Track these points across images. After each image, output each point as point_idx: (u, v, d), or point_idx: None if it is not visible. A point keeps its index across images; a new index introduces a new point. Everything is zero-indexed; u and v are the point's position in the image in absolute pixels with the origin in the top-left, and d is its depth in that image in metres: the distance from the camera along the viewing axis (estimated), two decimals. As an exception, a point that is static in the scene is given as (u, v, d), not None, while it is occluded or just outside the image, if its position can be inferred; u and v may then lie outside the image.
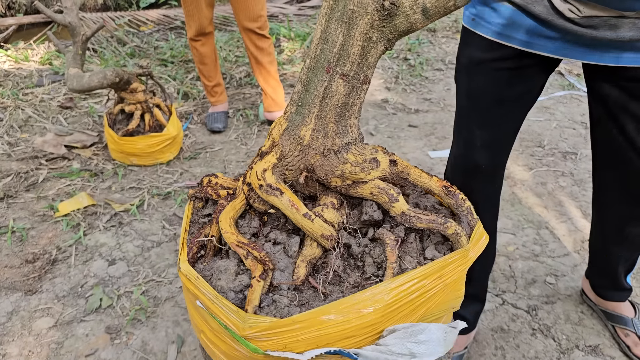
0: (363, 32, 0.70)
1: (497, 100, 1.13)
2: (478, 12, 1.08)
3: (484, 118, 1.16)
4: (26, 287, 1.66)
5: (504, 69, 1.09)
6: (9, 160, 2.32)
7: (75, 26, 2.13)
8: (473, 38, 1.11)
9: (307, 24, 4.10)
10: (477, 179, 1.24)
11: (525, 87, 1.12)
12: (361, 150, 0.77)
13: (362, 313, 0.65)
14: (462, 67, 1.17)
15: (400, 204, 0.73)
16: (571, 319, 1.62)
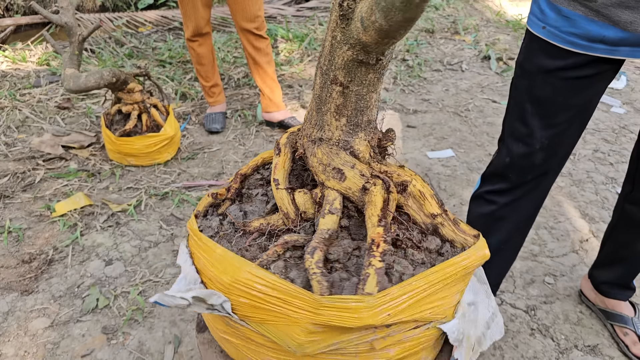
0: (332, 28, 0.70)
1: (564, 107, 1.12)
2: (549, 20, 1.06)
3: (549, 123, 1.14)
4: (22, 287, 1.65)
5: (575, 77, 1.08)
6: (6, 160, 2.31)
7: (71, 26, 2.13)
8: (543, 46, 1.09)
9: (306, 25, 4.10)
10: (529, 182, 1.24)
11: (593, 93, 1.11)
12: (332, 154, 0.77)
13: (223, 271, 0.77)
14: (527, 74, 1.15)
15: (324, 221, 0.75)
16: (570, 319, 1.61)
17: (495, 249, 1.36)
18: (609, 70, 1.08)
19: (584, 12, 1.01)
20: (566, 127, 1.15)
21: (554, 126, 1.15)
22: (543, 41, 1.10)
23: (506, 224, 1.33)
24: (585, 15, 1.01)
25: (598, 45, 1.03)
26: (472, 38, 4.22)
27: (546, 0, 1.08)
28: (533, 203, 1.31)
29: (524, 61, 1.17)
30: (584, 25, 1.02)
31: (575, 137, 1.20)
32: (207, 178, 2.27)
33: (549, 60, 1.10)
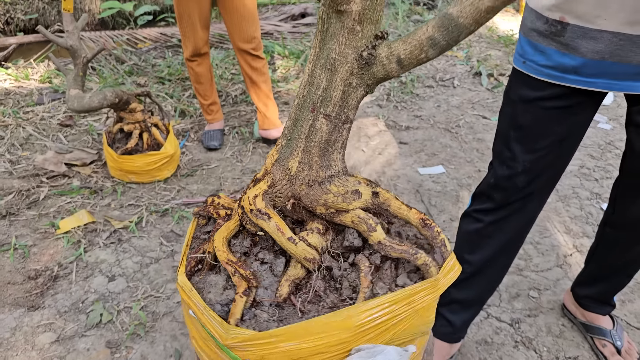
0: (344, 78, 0.78)
1: (543, 134, 1.20)
2: (528, 55, 1.16)
3: (529, 148, 1.22)
4: (29, 303, 1.72)
5: (554, 107, 1.16)
6: (11, 178, 2.38)
7: (76, 49, 2.21)
8: (524, 78, 1.18)
9: (302, 41, 4.20)
10: (513, 203, 1.32)
11: (572, 122, 1.19)
12: (344, 182, 0.85)
13: (333, 332, 0.72)
14: (511, 103, 1.24)
15: (378, 233, 0.80)
16: (552, 332, 1.69)
17: (480, 267, 1.44)
18: (588, 101, 1.17)
19: (556, 47, 1.10)
20: (547, 153, 1.24)
21: (534, 151, 1.24)
22: (524, 74, 1.19)
23: (491, 243, 1.41)
24: (557, 49, 1.10)
25: (572, 76, 1.11)
26: (464, 54, 4.32)
27: (525, 38, 1.17)
28: (518, 224, 1.38)
29: (509, 91, 1.27)
30: (557, 59, 1.11)
31: (559, 162, 1.28)
32: (206, 195, 2.35)
33: (529, 91, 1.19)
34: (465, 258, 1.44)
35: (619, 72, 1.06)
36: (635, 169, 1.26)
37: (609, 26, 1.01)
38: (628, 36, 1.01)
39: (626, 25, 1.00)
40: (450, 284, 0.80)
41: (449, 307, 1.51)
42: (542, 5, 1.10)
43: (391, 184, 2.47)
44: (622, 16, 0.99)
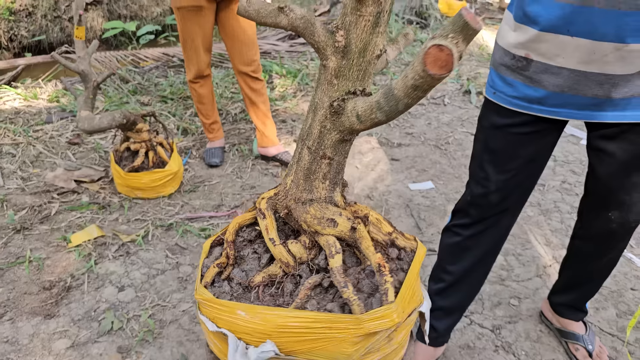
0: (320, 120, 0.93)
1: (512, 157, 1.34)
2: (498, 87, 1.31)
3: (501, 169, 1.37)
4: (45, 311, 1.85)
5: (522, 133, 1.31)
6: (23, 194, 2.52)
7: (87, 74, 2.36)
8: (495, 107, 1.33)
9: (298, 60, 4.37)
10: (488, 218, 1.46)
11: (538, 146, 1.34)
12: (323, 208, 1.00)
13: (259, 322, 0.92)
14: (484, 129, 1.39)
15: (334, 260, 0.94)
16: (531, 337, 1.83)
17: (461, 276, 1.58)
18: (552, 127, 1.32)
19: (522, 80, 1.26)
20: (517, 173, 1.39)
21: (505, 172, 1.38)
22: (494, 104, 1.35)
23: (470, 255, 1.55)
24: (523, 82, 1.25)
25: (537, 106, 1.27)
26: (454, 72, 4.50)
27: (495, 72, 1.33)
28: (494, 237, 1.53)
29: (481, 118, 1.42)
30: (523, 90, 1.26)
31: (528, 181, 1.43)
32: (208, 210, 2.49)
33: (499, 118, 1.34)
34: (447, 269, 1.58)
35: (577, 103, 1.22)
36: (597, 189, 1.41)
37: (567, 64, 1.17)
38: (583, 73, 1.16)
39: (581, 64, 1.15)
40: (377, 329, 0.89)
41: (433, 314, 1.65)
42: (510, 43, 1.25)
43: (383, 199, 2.61)
44: (577, 56, 1.14)
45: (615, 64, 1.12)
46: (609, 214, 1.39)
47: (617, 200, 1.35)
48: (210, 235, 2.28)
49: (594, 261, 1.58)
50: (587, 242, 1.56)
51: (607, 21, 1.06)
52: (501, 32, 1.30)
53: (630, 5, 1.03)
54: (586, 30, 1.10)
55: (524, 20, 1.19)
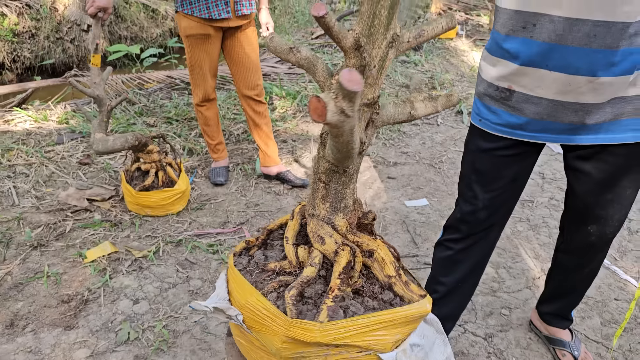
0: (318, 147, 1.10)
1: (498, 177, 1.49)
2: (483, 115, 1.46)
3: (487, 188, 1.51)
4: (64, 323, 1.96)
5: (506, 155, 1.45)
6: (38, 212, 2.64)
7: (102, 98, 2.50)
8: (481, 133, 1.48)
9: (297, 82, 4.54)
10: (477, 233, 1.60)
11: (520, 167, 1.49)
12: (318, 226, 1.14)
13: (238, 291, 1.12)
14: (471, 152, 1.54)
15: (307, 270, 1.09)
16: (521, 344, 1.96)
17: (454, 286, 1.71)
18: (532, 150, 1.47)
19: (505, 108, 1.41)
20: (501, 192, 1.53)
21: (491, 191, 1.53)
22: (480, 129, 1.50)
23: (461, 266, 1.68)
24: (506, 111, 1.41)
25: (519, 131, 1.41)
26: (447, 93, 4.68)
27: (480, 101, 1.48)
28: (482, 250, 1.67)
29: (468, 142, 1.57)
30: (506, 118, 1.41)
31: (512, 199, 1.57)
32: (215, 226, 2.62)
33: (485, 143, 1.49)
34: (440, 280, 1.71)
35: (555, 128, 1.37)
36: (575, 205, 1.55)
37: (546, 94, 1.32)
38: (560, 102, 1.32)
39: (558, 94, 1.31)
40: (299, 337, 1.00)
41: (429, 323, 1.78)
42: (493, 76, 1.41)
43: (380, 215, 2.75)
44: (555, 87, 1.30)
45: (588, 94, 1.27)
46: (588, 228, 1.54)
47: (594, 215, 1.50)
48: (218, 250, 2.41)
49: (576, 272, 1.72)
50: (569, 255, 1.70)
51: (580, 58, 1.22)
52: (483, 68, 1.45)
53: (600, 44, 1.19)
54: (562, 65, 1.25)
55: (504, 55, 1.35)
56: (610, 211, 1.47)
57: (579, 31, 1.19)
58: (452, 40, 6.30)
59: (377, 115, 1.06)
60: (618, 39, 1.17)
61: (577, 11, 1.17)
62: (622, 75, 1.22)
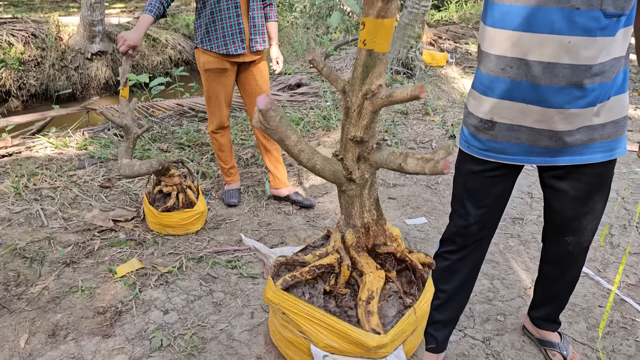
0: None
1: (486, 195, 1.73)
2: (470, 142, 1.70)
3: (477, 204, 1.75)
4: (102, 332, 2.15)
5: (492, 176, 1.70)
6: (67, 232, 2.84)
7: (129, 127, 2.74)
8: (469, 157, 1.72)
9: (299, 109, 4.81)
10: (470, 245, 1.82)
11: (504, 186, 1.73)
12: (334, 231, 1.37)
13: None
14: (461, 174, 1.78)
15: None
16: (515, 346, 2.18)
17: (453, 293, 1.94)
18: (513, 170, 1.71)
19: (488, 137, 1.65)
20: (490, 208, 1.77)
21: (481, 207, 1.77)
22: (469, 155, 1.74)
23: (458, 275, 1.91)
24: (489, 138, 1.65)
25: (501, 155, 1.66)
26: (440, 118, 4.97)
27: (467, 130, 1.72)
28: (475, 260, 1.90)
29: (459, 166, 1.81)
30: (490, 144, 1.66)
31: (498, 214, 1.81)
32: (231, 244, 2.83)
33: (474, 165, 1.73)
34: (441, 288, 1.93)
35: (532, 152, 1.61)
36: (554, 219, 1.79)
37: (524, 123, 1.57)
38: (537, 129, 1.56)
39: (535, 123, 1.55)
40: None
41: (433, 327, 1.99)
42: (478, 110, 1.65)
43: (384, 233, 2.98)
44: (531, 118, 1.55)
45: (560, 123, 1.52)
46: (565, 239, 1.78)
47: (571, 227, 1.74)
48: (236, 266, 2.62)
49: (559, 280, 1.95)
50: (551, 264, 1.94)
51: (552, 94, 1.48)
52: (469, 102, 1.71)
53: (568, 82, 1.45)
54: (537, 100, 1.50)
55: (487, 92, 1.60)
56: (584, 222, 1.72)
57: (550, 72, 1.44)
58: (443, 68, 6.64)
59: (368, 154, 1.18)
60: (582, 78, 1.43)
61: (549, 57, 1.43)
62: (587, 107, 1.48)
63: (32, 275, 2.49)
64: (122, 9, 11.76)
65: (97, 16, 7.69)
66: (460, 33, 8.92)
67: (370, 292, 1.22)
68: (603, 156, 1.59)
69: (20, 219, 2.94)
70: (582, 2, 1.37)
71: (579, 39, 1.40)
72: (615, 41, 1.43)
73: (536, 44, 1.44)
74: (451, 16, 10.33)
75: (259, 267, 2.64)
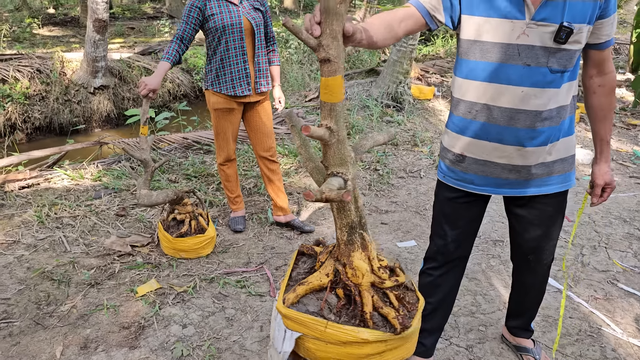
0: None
1: (460, 218, 2.02)
2: (445, 173, 2.01)
3: (453, 226, 2.05)
4: (128, 344, 2.42)
5: (464, 202, 1.99)
6: (88, 257, 3.12)
7: (148, 161, 3.05)
8: (445, 186, 2.02)
9: (296, 141, 5.15)
10: (450, 260, 2.11)
11: (475, 211, 2.02)
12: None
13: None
14: (439, 200, 2.07)
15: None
16: (495, 352, 2.46)
17: (437, 305, 2.22)
18: (480, 200, 2.01)
19: (460, 169, 1.97)
20: (463, 230, 2.07)
21: (457, 228, 2.07)
22: (445, 184, 2.05)
23: (441, 289, 2.20)
24: (460, 170, 1.97)
25: (470, 185, 1.96)
26: (427, 149, 5.34)
27: (443, 162, 2.05)
28: (456, 275, 2.19)
29: (437, 193, 2.12)
30: (461, 175, 1.97)
31: (472, 234, 2.11)
32: (239, 266, 3.12)
33: (449, 193, 2.05)
34: (427, 300, 2.22)
35: (496, 183, 1.93)
36: (517, 242, 2.10)
37: (488, 158, 1.89)
38: (499, 164, 1.88)
39: (497, 158, 1.87)
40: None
41: (421, 335, 2.26)
42: (451, 145, 1.96)
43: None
44: (495, 154, 1.86)
45: (518, 159, 1.85)
46: (528, 257, 2.09)
47: (531, 247, 2.06)
48: (245, 285, 2.90)
49: (527, 293, 2.26)
50: (519, 280, 2.25)
51: (510, 134, 1.80)
52: (444, 138, 2.02)
53: (522, 125, 1.77)
54: (498, 139, 1.83)
55: (457, 130, 1.92)
56: (543, 244, 2.04)
57: (509, 116, 1.77)
58: (430, 101, 7.06)
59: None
60: (534, 122, 1.76)
61: (507, 103, 1.76)
62: (541, 146, 1.81)
63: (60, 295, 2.75)
64: (122, 44, 12.21)
65: (100, 52, 8.07)
66: (447, 67, 9.39)
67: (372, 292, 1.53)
68: (556, 188, 1.91)
69: (45, 245, 3.21)
70: (532, 61, 1.71)
71: (530, 89, 1.73)
72: (560, 92, 1.77)
73: (497, 93, 1.77)
74: (437, 51, 10.86)
75: (265, 286, 2.92)
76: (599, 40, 1.77)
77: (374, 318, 1.47)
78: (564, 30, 1.65)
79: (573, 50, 1.71)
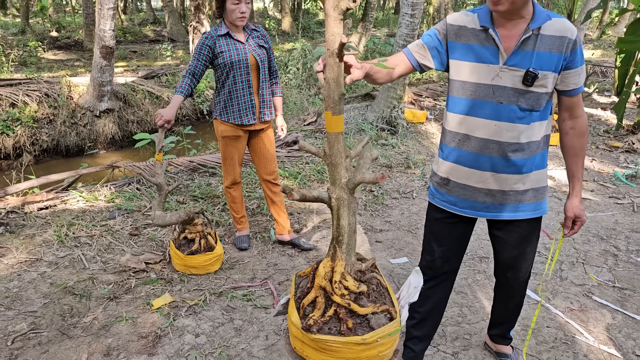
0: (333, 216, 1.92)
1: (446, 237, 2.27)
2: (434, 195, 2.29)
3: (440, 244, 2.30)
4: (147, 352, 2.67)
5: (450, 222, 2.25)
6: (106, 273, 3.38)
7: (162, 185, 3.34)
8: (434, 207, 2.28)
9: (297, 164, 5.46)
10: (437, 275, 2.37)
11: (460, 231, 2.27)
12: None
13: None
14: (428, 220, 2.33)
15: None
16: (478, 358, 2.73)
17: (426, 315, 2.48)
18: (464, 221, 2.28)
19: (446, 191, 2.26)
20: (450, 247, 2.34)
21: (443, 246, 2.35)
22: (433, 204, 2.34)
23: (430, 300, 2.46)
24: (446, 192, 2.26)
25: (455, 207, 2.24)
26: (420, 171, 5.64)
27: (432, 185, 2.34)
28: (444, 289, 2.46)
29: (427, 213, 2.40)
30: (447, 197, 2.26)
31: (459, 252, 2.38)
32: (245, 281, 3.39)
33: (437, 213, 2.33)
34: (417, 310, 2.48)
35: (476, 206, 2.21)
36: (497, 259, 2.37)
37: (469, 182, 2.17)
38: (478, 188, 2.16)
39: (476, 183, 2.16)
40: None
41: (411, 341, 2.54)
42: (439, 170, 2.26)
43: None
44: (474, 178, 2.15)
45: (494, 184, 2.14)
46: (507, 274, 2.37)
47: (509, 265, 2.33)
48: (251, 299, 3.17)
49: (506, 305, 2.53)
50: (499, 293, 2.52)
51: (487, 161, 2.09)
52: (434, 164, 2.32)
53: (497, 154, 2.07)
54: (477, 166, 2.12)
55: (444, 157, 2.21)
56: (519, 263, 2.31)
57: (485, 146, 2.05)
58: (423, 124, 7.40)
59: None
60: (507, 152, 2.05)
61: (483, 134, 2.04)
62: (513, 174, 2.10)
63: (82, 308, 3.01)
64: (125, 68, 12.58)
65: (107, 77, 8.41)
66: (439, 91, 9.77)
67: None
68: (529, 214, 2.18)
69: (65, 262, 3.48)
70: (504, 99, 2.01)
71: (502, 123, 2.03)
72: (531, 128, 2.05)
73: (475, 125, 2.07)
74: (430, 75, 11.26)
75: (269, 299, 3.19)
76: (567, 87, 2.04)
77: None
78: (529, 74, 1.95)
79: (539, 92, 1.98)
